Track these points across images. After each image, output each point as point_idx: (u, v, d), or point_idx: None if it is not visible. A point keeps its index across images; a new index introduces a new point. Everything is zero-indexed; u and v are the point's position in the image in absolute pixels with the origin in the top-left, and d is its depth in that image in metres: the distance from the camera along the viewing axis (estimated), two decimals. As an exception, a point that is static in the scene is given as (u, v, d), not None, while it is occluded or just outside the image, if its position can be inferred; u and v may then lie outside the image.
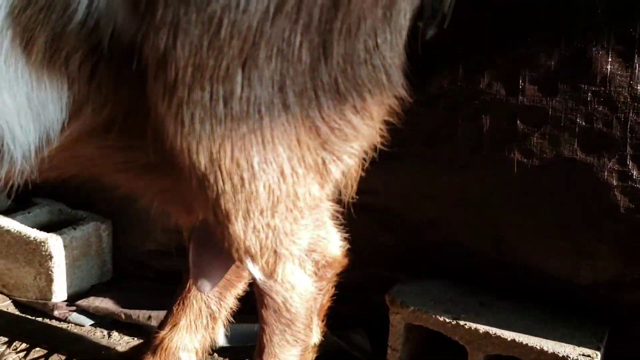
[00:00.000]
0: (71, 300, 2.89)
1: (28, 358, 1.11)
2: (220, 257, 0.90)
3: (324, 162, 0.81)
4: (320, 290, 0.97)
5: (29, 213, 3.14)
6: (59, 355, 1.09)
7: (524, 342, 2.04)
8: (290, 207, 0.80)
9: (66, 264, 2.86)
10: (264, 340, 0.93)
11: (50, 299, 2.83)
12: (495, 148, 1.96)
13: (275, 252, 0.84)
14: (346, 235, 0.98)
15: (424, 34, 1.18)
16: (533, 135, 1.89)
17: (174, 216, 0.95)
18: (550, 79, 1.85)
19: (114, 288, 3.02)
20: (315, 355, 1.07)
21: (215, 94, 0.70)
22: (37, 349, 1.13)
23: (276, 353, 0.95)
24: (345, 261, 0.99)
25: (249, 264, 0.84)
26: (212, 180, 0.74)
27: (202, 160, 0.72)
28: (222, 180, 0.74)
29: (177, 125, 0.70)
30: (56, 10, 0.69)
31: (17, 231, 2.85)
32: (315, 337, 1.04)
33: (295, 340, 0.95)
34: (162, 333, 1.20)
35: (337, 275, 1.01)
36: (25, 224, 2.93)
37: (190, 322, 1.25)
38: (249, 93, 0.71)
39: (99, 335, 2.66)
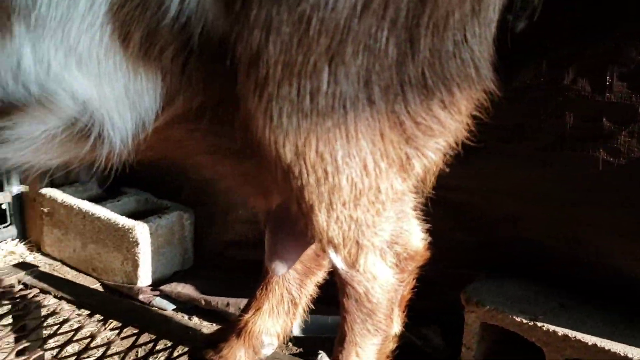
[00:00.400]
0: (155, 285, 3.04)
1: (121, 336, 1.19)
2: (295, 240, 0.93)
3: (407, 157, 0.82)
4: (402, 282, 0.97)
5: (117, 201, 3.32)
6: (149, 334, 1.17)
7: (607, 347, 1.96)
8: (372, 200, 0.82)
9: (151, 250, 3.00)
10: (345, 328, 0.95)
11: (135, 283, 2.99)
12: (578, 145, 1.89)
13: (357, 242, 0.86)
14: (427, 227, 0.98)
15: (514, 27, 1.15)
16: (620, 134, 1.81)
17: (252, 200, 0.98)
18: (640, 74, 1.77)
19: (195, 275, 3.15)
20: (395, 345, 1.08)
21: (303, 90, 0.72)
22: (129, 327, 1.20)
23: (357, 341, 0.97)
24: (427, 254, 1.00)
25: (332, 253, 0.86)
26: (296, 172, 0.76)
27: (288, 153, 0.75)
28: (307, 173, 0.76)
29: (265, 119, 0.73)
30: (150, 7, 0.73)
31: (107, 218, 3.02)
32: (396, 327, 1.05)
33: (377, 330, 0.97)
34: (246, 317, 1.25)
35: (419, 268, 1.02)
36: (115, 212, 3.10)
37: (272, 307, 1.29)
38: (334, 88, 0.73)
39: (181, 319, 2.79)
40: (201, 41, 0.76)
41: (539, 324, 2.08)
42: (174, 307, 2.89)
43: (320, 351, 2.50)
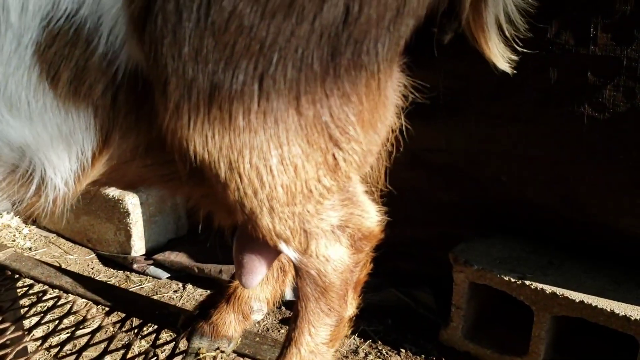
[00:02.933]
0: (150, 253, 3.05)
1: (91, 314, 1.19)
2: (262, 253, 0.94)
3: (334, 158, 0.83)
4: (357, 263, 0.97)
5: (108, 172, 3.31)
6: (119, 313, 1.16)
7: (593, 304, 1.95)
8: (308, 196, 0.83)
9: (143, 220, 3.01)
10: (299, 307, 0.95)
11: (129, 253, 3.00)
12: (564, 102, 1.84)
13: (305, 230, 0.87)
14: (385, 209, 0.98)
15: (441, 39, 1.14)
16: (605, 88, 1.76)
17: (216, 218, 0.99)
18: (625, 25, 1.70)
19: (189, 242, 3.16)
20: (349, 330, 1.08)
21: (235, 111, 0.73)
22: (100, 306, 1.20)
23: (310, 320, 0.96)
24: (381, 235, 0.99)
25: (284, 247, 0.87)
26: (233, 186, 0.78)
27: (223, 169, 0.76)
28: (244, 186, 0.78)
29: (199, 141, 0.74)
30: (79, 46, 0.73)
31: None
32: (350, 310, 1.04)
33: (330, 310, 0.97)
34: (235, 282, 1.26)
35: (374, 249, 1.01)
36: (105, 182, 3.09)
37: None
38: (265, 106, 0.74)
39: (175, 287, 2.81)
40: (127, 75, 0.76)
41: (527, 282, 2.08)
42: (168, 275, 2.91)
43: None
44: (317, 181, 0.83)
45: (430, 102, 2.09)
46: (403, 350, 2.33)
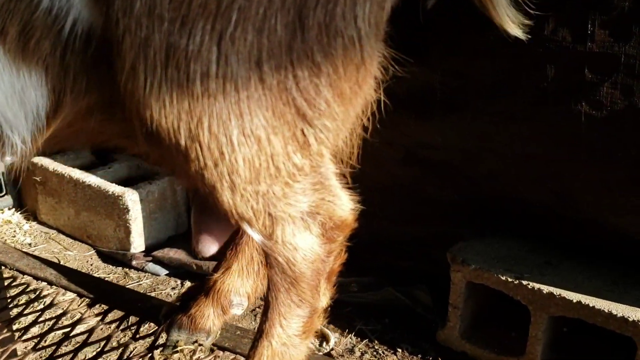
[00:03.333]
0: (150, 250, 3.05)
1: (75, 305, 1.18)
2: (221, 221, 0.90)
3: (303, 134, 0.79)
4: (329, 253, 0.94)
5: (109, 168, 3.32)
6: (102, 305, 1.16)
7: (591, 305, 1.93)
8: (274, 175, 0.79)
9: (143, 216, 3.00)
10: (270, 298, 0.93)
11: (129, 250, 3.00)
12: (561, 99, 1.82)
13: (270, 215, 0.84)
14: (357, 198, 0.94)
15: (425, 5, 1.10)
16: (602, 85, 1.73)
17: (177, 179, 0.97)
18: (623, 22, 1.67)
19: (189, 240, 3.15)
20: (323, 321, 1.06)
21: (193, 73, 0.70)
22: (84, 298, 1.20)
23: (281, 311, 0.94)
24: (354, 224, 0.96)
25: (247, 227, 0.84)
26: (193, 155, 0.75)
27: (183, 137, 0.73)
28: (203, 155, 0.75)
29: (158, 105, 0.71)
30: (23, 0, 0.71)
31: (97, 185, 3.02)
32: (324, 300, 1.02)
33: (301, 301, 0.94)
34: (215, 276, 1.24)
35: (348, 239, 0.98)
36: (106, 179, 3.10)
37: (242, 267, 1.28)
38: (225, 70, 0.71)
39: (173, 284, 2.80)
40: (76, 33, 0.74)
41: (524, 282, 2.06)
42: (167, 272, 2.90)
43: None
44: (286, 158, 0.80)
45: (425, 99, 2.08)
46: (400, 350, 2.31)
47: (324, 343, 2.32)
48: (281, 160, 0.79)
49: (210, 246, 0.94)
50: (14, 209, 3.48)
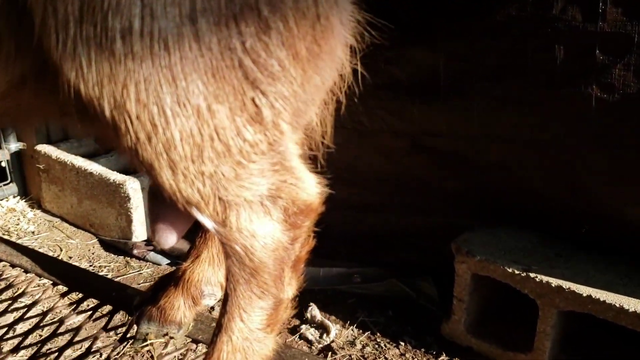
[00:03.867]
0: (152, 239, 3.00)
1: (48, 293, 1.13)
2: (178, 208, 0.82)
3: (254, 104, 0.69)
4: (294, 240, 0.85)
5: (111, 157, 3.27)
6: (77, 293, 1.11)
7: (602, 299, 1.84)
8: (222, 152, 0.70)
9: (144, 205, 2.95)
10: (228, 290, 0.84)
11: (130, 238, 2.96)
12: (571, 82, 1.72)
13: (220, 199, 0.74)
14: (326, 182, 0.85)
15: None
16: (614, 67, 1.63)
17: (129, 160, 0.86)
18: (637, -1, 1.58)
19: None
20: (291, 312, 0.98)
21: (111, 30, 0.60)
22: (60, 285, 1.14)
23: (240, 304, 0.86)
24: (321, 208, 0.87)
25: (196, 213, 0.75)
26: (123, 128, 0.64)
27: (107, 107, 0.63)
28: (133, 128, 0.64)
29: (74, 69, 0.61)
30: None
31: (99, 173, 2.97)
32: (290, 291, 0.94)
33: (263, 293, 0.86)
34: (184, 265, 1.16)
35: (314, 225, 0.90)
36: (108, 167, 3.05)
37: (212, 255, 1.20)
38: (151, 26, 0.61)
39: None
40: None
41: (532, 274, 1.97)
42: (168, 261, 2.86)
43: (311, 303, 2.45)
44: (235, 132, 0.69)
45: (429, 83, 1.99)
46: (402, 344, 2.24)
47: (324, 335, 2.25)
48: (229, 134, 0.69)
49: (168, 236, 0.86)
50: (18, 197, 3.46)
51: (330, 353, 2.19)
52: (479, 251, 2.10)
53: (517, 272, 2.00)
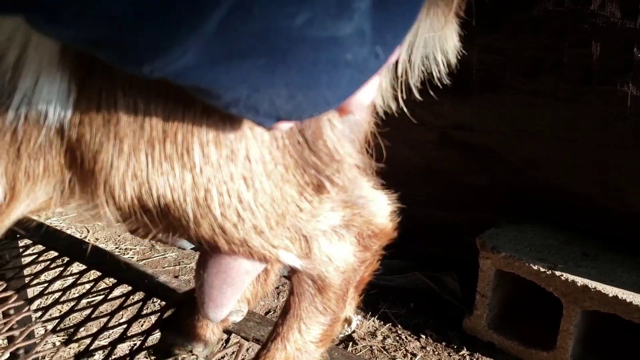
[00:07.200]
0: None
1: (84, 279, 1.16)
2: (234, 281, 0.83)
3: (317, 183, 0.73)
4: (363, 262, 0.86)
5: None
6: (109, 279, 1.13)
7: (628, 300, 1.82)
8: (295, 213, 0.72)
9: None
10: (292, 302, 0.86)
11: (156, 222, 2.99)
12: (607, 80, 1.70)
13: (303, 235, 0.76)
14: (398, 206, 0.85)
15: None
16: (653, 65, 1.61)
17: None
18: (679, -4, 1.55)
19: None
20: (343, 329, 0.99)
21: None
22: (93, 271, 1.17)
23: (302, 316, 0.87)
24: (393, 234, 0.87)
25: (285, 257, 0.76)
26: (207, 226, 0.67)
27: (190, 211, 0.66)
28: (218, 224, 0.67)
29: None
30: None
31: (128, 157, 3.00)
32: (349, 310, 0.95)
33: (325, 309, 0.87)
34: None
35: (384, 248, 0.90)
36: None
37: None
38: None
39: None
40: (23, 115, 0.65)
41: (558, 273, 1.95)
42: (192, 246, 2.89)
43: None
44: (302, 200, 0.73)
45: (462, 77, 1.98)
46: (423, 337, 2.24)
47: (346, 325, 2.26)
48: (299, 203, 0.72)
49: (223, 311, 0.87)
50: (48, 178, 3.52)
51: (351, 343, 2.20)
52: (504, 247, 2.09)
53: (542, 269, 1.98)
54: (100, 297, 1.12)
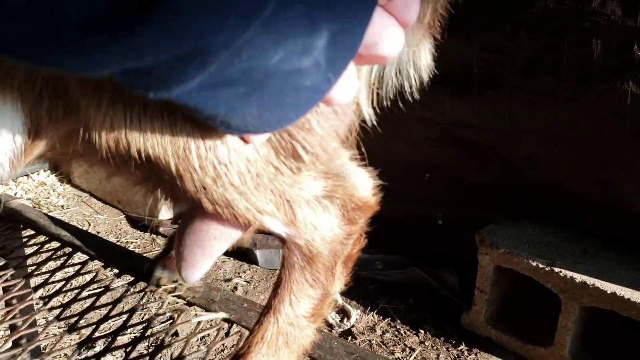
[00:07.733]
0: (178, 217, 3.05)
1: (85, 269, 1.17)
2: (206, 245, 0.85)
3: (295, 150, 0.75)
4: (349, 235, 0.88)
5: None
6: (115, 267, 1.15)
7: (626, 297, 1.83)
8: (274, 174, 0.74)
9: (172, 184, 2.99)
10: (283, 275, 0.88)
11: (157, 217, 3.01)
12: (606, 78, 1.71)
13: (287, 200, 0.78)
14: (380, 182, 0.87)
15: None
16: (652, 64, 1.62)
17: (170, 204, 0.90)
18: (680, -5, 1.56)
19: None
20: (332, 310, 1.01)
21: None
22: (96, 260, 1.18)
23: (292, 289, 0.89)
24: (376, 207, 0.89)
25: (270, 223, 0.78)
26: (187, 177, 0.69)
27: (172, 163, 0.67)
28: (199, 177, 0.69)
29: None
30: None
31: (129, 151, 3.02)
32: (338, 285, 0.96)
33: (314, 281, 0.89)
34: None
35: (368, 224, 0.91)
36: (137, 145, 3.09)
37: None
38: None
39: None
40: None
41: (556, 269, 1.97)
42: (193, 241, 2.90)
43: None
44: (281, 164, 0.75)
45: (461, 74, 1.99)
46: (422, 331, 2.25)
47: (345, 319, 2.28)
48: (276, 165, 0.74)
49: (195, 272, 0.88)
50: (49, 171, 3.53)
51: (350, 337, 2.21)
52: (503, 243, 2.10)
53: (541, 266, 2.00)
54: (102, 288, 1.13)
